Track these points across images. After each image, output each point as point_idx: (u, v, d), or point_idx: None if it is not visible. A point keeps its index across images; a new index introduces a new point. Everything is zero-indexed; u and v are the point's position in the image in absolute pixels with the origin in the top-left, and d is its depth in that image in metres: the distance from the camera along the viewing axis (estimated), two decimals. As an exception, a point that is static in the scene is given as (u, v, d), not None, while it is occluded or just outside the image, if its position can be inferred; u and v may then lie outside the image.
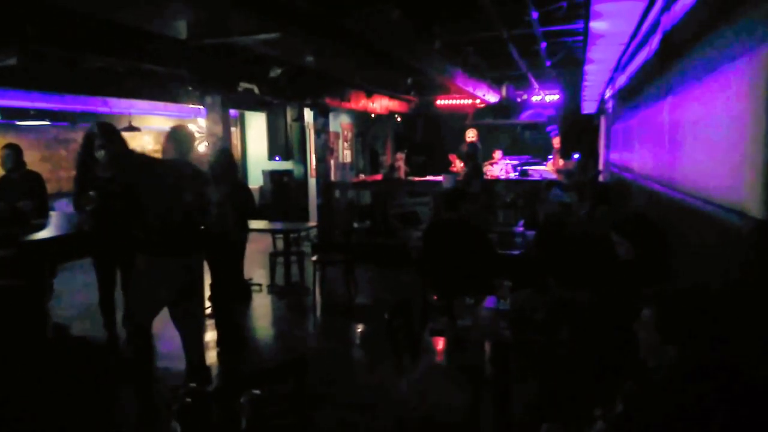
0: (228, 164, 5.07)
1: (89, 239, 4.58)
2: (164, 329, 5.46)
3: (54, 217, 5.87)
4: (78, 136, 8.58)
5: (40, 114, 7.43)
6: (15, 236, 4.24)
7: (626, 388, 1.85)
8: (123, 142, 4.17)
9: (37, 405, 3.50)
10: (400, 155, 10.98)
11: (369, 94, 9.76)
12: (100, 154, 4.03)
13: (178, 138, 3.69)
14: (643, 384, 1.81)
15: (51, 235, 4.61)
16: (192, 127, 10.27)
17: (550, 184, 8.28)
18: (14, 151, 5.58)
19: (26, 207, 5.24)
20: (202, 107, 7.14)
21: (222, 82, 6.44)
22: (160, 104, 8.64)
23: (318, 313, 6.13)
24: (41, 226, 4.81)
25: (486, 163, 9.64)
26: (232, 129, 9.93)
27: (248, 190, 5.39)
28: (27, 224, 4.86)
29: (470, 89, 9.01)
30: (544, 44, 6.88)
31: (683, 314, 1.79)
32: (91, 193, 4.20)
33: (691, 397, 1.65)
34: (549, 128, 11.94)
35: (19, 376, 3.65)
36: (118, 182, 3.96)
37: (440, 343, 4.87)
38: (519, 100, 11.40)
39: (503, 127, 12.93)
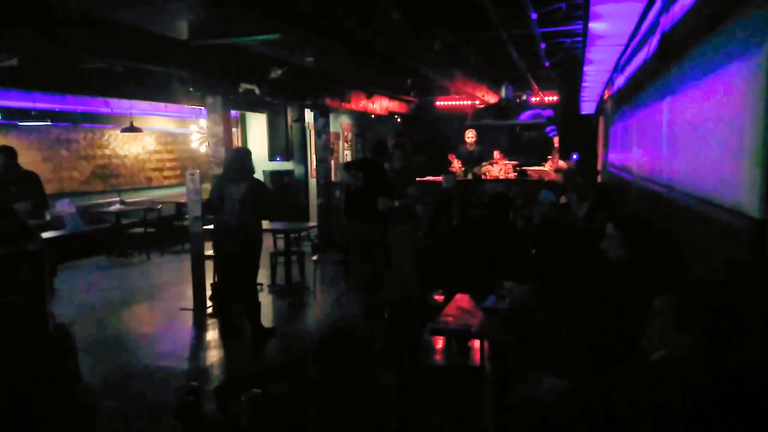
0: (243, 163, 5.09)
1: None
2: (164, 330, 5.50)
3: (54, 217, 5.90)
4: (79, 136, 8.61)
5: (41, 114, 7.42)
6: (35, 232, 4.22)
7: (626, 384, 1.85)
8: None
9: (37, 404, 3.51)
10: (400, 155, 10.97)
11: (369, 95, 9.78)
12: None
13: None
14: (644, 377, 1.80)
15: (53, 234, 4.62)
16: (193, 127, 10.31)
17: (542, 185, 8.30)
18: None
19: (24, 208, 5.27)
20: (202, 108, 7.17)
21: (223, 82, 6.45)
22: (161, 105, 8.65)
23: (318, 312, 6.15)
24: (44, 226, 4.82)
25: (485, 163, 9.65)
26: (233, 129, 9.94)
27: (264, 189, 5.31)
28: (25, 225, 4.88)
29: (470, 90, 9.03)
30: (543, 45, 6.90)
31: (706, 300, 1.79)
32: None
33: (696, 389, 1.64)
34: (548, 129, 11.96)
35: (20, 376, 3.65)
36: None
37: (440, 343, 4.89)
38: (518, 100, 11.41)
39: (502, 128, 12.92)
